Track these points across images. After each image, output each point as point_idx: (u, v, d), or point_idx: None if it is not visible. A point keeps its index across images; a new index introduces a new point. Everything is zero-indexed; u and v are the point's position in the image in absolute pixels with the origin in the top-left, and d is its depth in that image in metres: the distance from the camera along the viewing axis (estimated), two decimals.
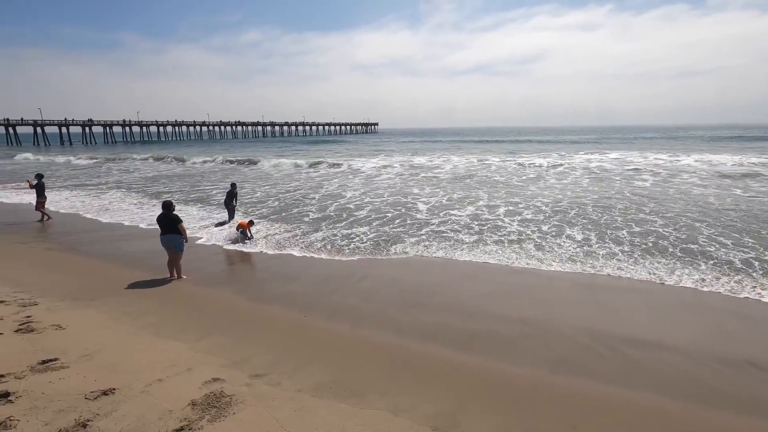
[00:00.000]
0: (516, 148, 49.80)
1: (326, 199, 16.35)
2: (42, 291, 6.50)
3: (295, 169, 28.62)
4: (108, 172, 28.92)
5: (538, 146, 52.23)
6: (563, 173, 22.89)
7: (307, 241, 10.14)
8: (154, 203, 15.76)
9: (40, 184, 13.15)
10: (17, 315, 5.38)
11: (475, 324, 5.81)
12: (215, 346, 4.96)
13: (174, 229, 7.44)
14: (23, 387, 3.63)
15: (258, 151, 49.49)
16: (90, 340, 4.84)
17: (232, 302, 6.62)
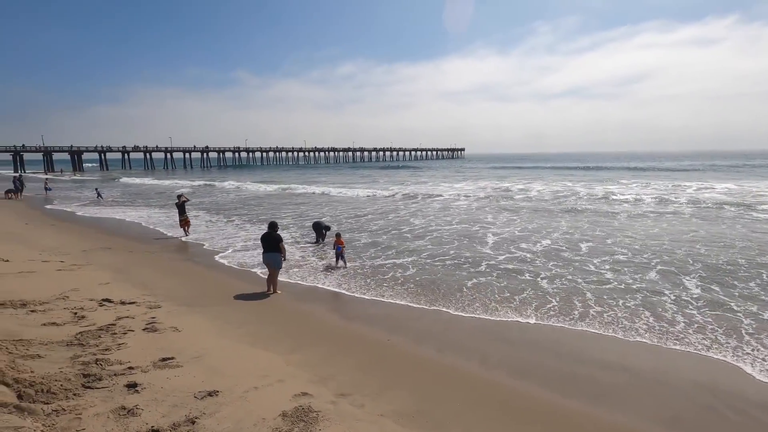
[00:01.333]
0: (611, 175, 45.36)
1: (389, 224, 16.50)
2: (165, 296, 7.44)
3: (373, 192, 29.47)
4: (219, 193, 32.54)
5: (637, 173, 47.15)
6: (666, 204, 20.33)
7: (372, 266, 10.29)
8: (261, 225, 17.31)
9: (181, 203, 14.54)
10: (145, 315, 6.21)
11: (571, 366, 5.35)
12: (305, 361, 5.22)
13: (276, 247, 8.09)
14: (147, 380, 4.15)
15: (347, 176, 52.10)
16: (199, 343, 5.40)
17: (322, 318, 6.97)
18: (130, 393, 3.86)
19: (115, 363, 4.43)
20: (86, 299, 6.70)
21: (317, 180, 46.74)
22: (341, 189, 31.79)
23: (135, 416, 3.46)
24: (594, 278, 8.80)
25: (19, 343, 4.56)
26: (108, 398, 3.72)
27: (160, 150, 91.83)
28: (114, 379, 4.05)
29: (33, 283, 7.36)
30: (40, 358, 4.33)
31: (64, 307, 6.22)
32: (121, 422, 3.35)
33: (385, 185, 36.61)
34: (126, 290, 7.59)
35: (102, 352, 4.67)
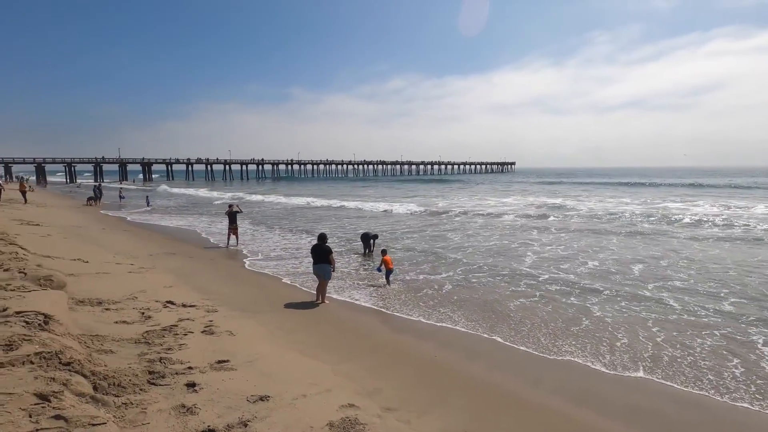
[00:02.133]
0: (675, 192, 41.75)
1: (431, 239, 16.26)
2: (221, 300, 7.82)
3: (418, 206, 29.34)
4: (266, 205, 33.92)
5: (706, 190, 43.14)
6: (735, 225, 18.36)
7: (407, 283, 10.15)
8: (310, 236, 17.83)
9: (231, 212, 14.83)
10: (203, 318, 6.55)
11: (635, 397, 4.99)
12: (352, 372, 5.25)
13: (325, 259, 8.28)
14: (204, 380, 4.36)
15: (393, 189, 52.45)
16: (252, 348, 5.60)
17: (370, 331, 7.02)
18: (189, 392, 4.06)
19: (176, 362, 4.70)
20: (152, 300, 7.19)
21: (362, 194, 47.48)
22: (388, 203, 32.00)
23: (193, 415, 3.63)
24: (655, 307, 8.14)
25: (95, 339, 4.96)
26: (170, 395, 3.94)
27: (219, 162, 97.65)
28: (175, 378, 4.29)
29: (107, 284, 8.02)
30: (113, 354, 4.69)
31: (133, 306, 6.71)
32: (182, 419, 3.53)
33: (431, 199, 36.43)
34: (187, 294, 8.06)
35: (165, 351, 4.97)
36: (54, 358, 3.69)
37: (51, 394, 3.09)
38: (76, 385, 3.41)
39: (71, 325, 5.06)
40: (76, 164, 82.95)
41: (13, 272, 6.40)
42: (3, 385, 3.13)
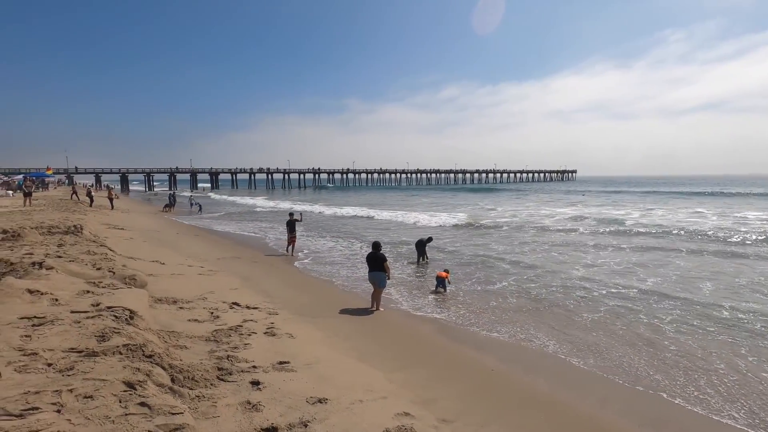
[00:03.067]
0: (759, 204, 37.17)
1: (485, 249, 15.74)
2: (282, 304, 8.17)
3: (469, 215, 28.67)
4: (322, 214, 34.95)
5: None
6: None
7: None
8: (364, 245, 18.15)
9: (292, 221, 14.93)
10: (266, 320, 6.88)
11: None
12: (407, 380, 5.25)
13: (380, 267, 8.39)
14: (267, 380, 4.57)
15: (446, 198, 51.91)
16: (311, 351, 5.79)
17: (426, 340, 7.00)
18: (254, 390, 4.28)
19: (242, 361, 4.97)
20: (220, 301, 7.67)
21: (416, 203, 47.44)
22: (437, 212, 31.69)
23: (258, 411, 3.82)
24: (740, 333, 7.35)
25: (172, 335, 5.39)
26: (236, 392, 4.18)
27: (279, 171, 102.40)
28: (241, 375, 4.54)
29: (181, 284, 8.67)
30: (186, 349, 5.06)
31: (203, 306, 7.20)
32: (247, 415, 3.73)
33: (484, 208, 35.61)
34: (250, 296, 8.50)
35: (232, 350, 5.28)
36: (138, 351, 4.06)
37: (137, 383, 3.40)
38: (157, 376, 3.72)
39: (151, 321, 5.54)
40: (154, 174, 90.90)
41: (104, 271, 7.13)
42: (98, 372, 3.50)
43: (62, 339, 4.16)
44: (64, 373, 3.48)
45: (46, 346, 3.98)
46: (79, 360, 3.72)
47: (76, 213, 20.06)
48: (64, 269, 6.76)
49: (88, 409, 2.96)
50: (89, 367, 3.60)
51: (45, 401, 3.01)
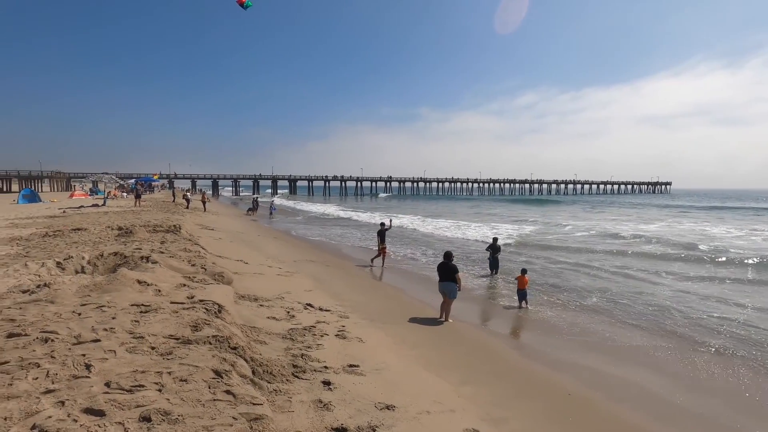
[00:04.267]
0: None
1: (559, 265, 14.60)
2: (352, 308, 8.39)
3: (540, 226, 27.01)
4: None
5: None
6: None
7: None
8: (437, 255, 18.06)
9: (382, 230, 14.21)
10: (337, 323, 7.11)
11: None
12: (476, 395, 5.11)
13: (452, 277, 8.29)
14: (338, 381, 4.72)
15: (519, 207, 49.79)
16: (380, 357, 5.87)
17: (498, 354, 6.76)
18: (325, 389, 4.44)
19: (314, 360, 5.18)
20: (296, 301, 8.08)
21: (485, 213, 46.10)
22: (498, 224, 30.43)
23: (329, 411, 3.96)
24: None
25: (253, 330, 5.79)
26: (309, 390, 4.36)
27: (352, 179, 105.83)
28: (314, 374, 4.74)
29: (262, 283, 9.29)
30: (265, 345, 5.40)
31: (280, 305, 7.64)
32: (319, 413, 3.88)
33: (559, 221, 33.47)
34: (323, 298, 8.85)
35: (306, 349, 5.53)
36: (225, 342, 4.42)
37: (223, 372, 3.70)
38: (240, 367, 4.02)
39: (236, 315, 6.00)
40: (240, 180, 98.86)
41: (197, 267, 7.88)
42: (192, 358, 3.87)
43: (163, 326, 4.67)
44: (164, 357, 3.90)
45: (151, 331, 4.50)
46: (176, 346, 4.15)
47: (176, 214, 22.43)
48: (166, 264, 7.59)
49: (183, 391, 3.29)
50: (185, 353, 3.99)
51: (149, 380, 3.39)
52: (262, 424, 3.02)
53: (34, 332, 4.31)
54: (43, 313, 4.96)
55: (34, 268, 7.24)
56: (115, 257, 7.90)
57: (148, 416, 2.86)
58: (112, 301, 5.37)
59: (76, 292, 5.96)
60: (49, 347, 3.96)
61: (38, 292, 5.84)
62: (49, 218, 18.45)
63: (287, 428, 3.48)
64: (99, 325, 4.53)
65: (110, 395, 3.13)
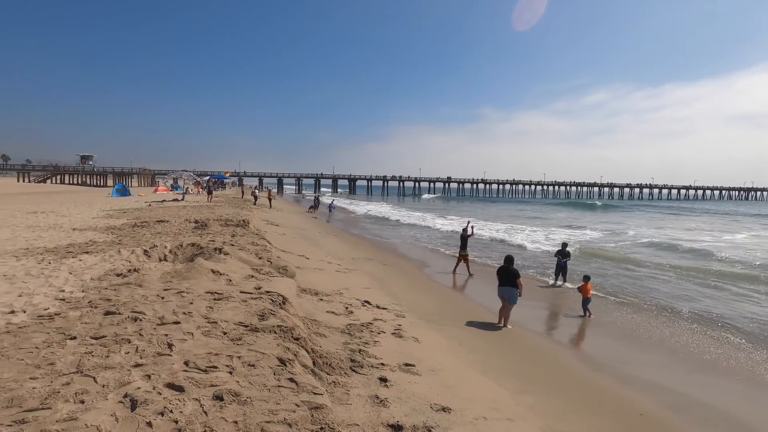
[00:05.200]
0: None
1: (626, 277, 13.37)
2: (409, 308, 8.43)
3: (606, 234, 25.05)
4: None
5: None
6: None
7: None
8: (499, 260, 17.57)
9: (465, 236, 13.27)
10: (393, 321, 7.18)
11: None
12: (537, 406, 4.91)
13: (512, 282, 8.02)
14: (394, 378, 4.77)
15: (585, 212, 46.82)
16: (436, 358, 5.84)
17: (560, 364, 6.46)
18: (382, 386, 4.50)
19: (371, 356, 5.28)
20: (353, 298, 8.28)
21: (547, 216, 43.94)
22: (556, 229, 28.68)
23: (385, 407, 4.01)
24: None
25: (313, 323, 6.02)
26: (366, 385, 4.46)
27: (410, 180, 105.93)
28: (371, 370, 4.83)
29: (322, 278, 9.62)
30: (325, 338, 5.60)
31: (339, 301, 7.87)
32: (375, 409, 3.95)
33: (626, 228, 31.00)
34: (380, 296, 8.97)
35: (363, 345, 5.65)
36: (288, 332, 4.64)
37: (287, 360, 3.89)
38: (302, 357, 4.21)
39: (298, 308, 6.27)
40: (303, 178, 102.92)
41: (264, 260, 8.34)
42: (259, 345, 4.11)
43: (234, 313, 5.01)
44: (234, 342, 4.18)
45: (223, 317, 4.84)
46: (245, 333, 4.43)
47: (244, 209, 23.87)
48: (236, 256, 8.12)
49: (251, 376, 3.51)
50: (252, 340, 4.25)
51: (221, 363, 3.66)
52: (322, 413, 3.13)
53: (126, 311, 4.83)
54: (132, 295, 5.53)
55: (126, 255, 8.08)
56: (192, 248, 8.60)
57: (220, 395, 3.09)
58: (190, 288, 5.85)
59: (159, 277, 6.57)
60: (138, 326, 4.40)
61: (129, 276, 6.52)
62: (137, 210, 20.46)
63: (345, 420, 3.58)
64: (179, 309, 4.96)
65: (188, 373, 3.42)
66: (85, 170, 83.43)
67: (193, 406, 2.94)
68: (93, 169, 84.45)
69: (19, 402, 2.88)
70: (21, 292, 5.86)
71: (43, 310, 5.05)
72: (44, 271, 7.09)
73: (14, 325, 4.52)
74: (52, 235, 11.44)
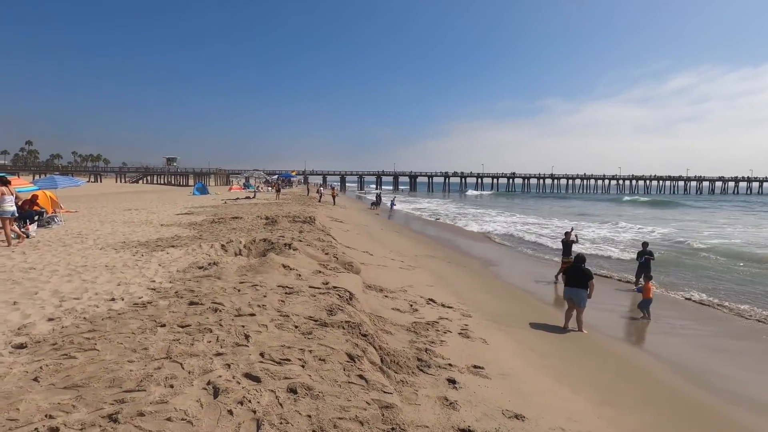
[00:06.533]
0: None
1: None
2: (475, 307, 8.18)
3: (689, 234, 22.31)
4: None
5: None
6: None
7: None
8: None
9: (569, 241, 11.67)
10: (459, 321, 7.00)
11: None
12: (621, 420, 4.50)
13: (583, 283, 7.45)
14: (463, 381, 4.62)
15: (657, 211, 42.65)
16: (505, 361, 5.58)
17: (652, 375, 5.91)
18: (450, 388, 4.38)
19: (438, 356, 5.17)
20: (418, 296, 8.20)
21: (627, 213, 40.60)
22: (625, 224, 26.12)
23: (455, 410, 3.89)
24: None
25: (379, 319, 6.03)
26: (434, 385, 4.36)
27: (473, 176, 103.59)
28: (438, 371, 4.72)
29: (385, 275, 9.66)
30: (391, 335, 5.58)
31: (404, 298, 7.83)
32: (445, 411, 3.84)
33: (720, 224, 27.59)
34: (445, 295, 8.80)
35: (429, 344, 5.55)
36: (356, 329, 4.67)
37: (356, 357, 3.91)
38: (370, 354, 4.21)
39: (364, 304, 6.33)
40: (364, 176, 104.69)
41: (330, 256, 8.54)
42: (329, 340, 4.18)
43: (304, 307, 5.16)
44: (305, 336, 4.29)
45: (294, 311, 5.00)
46: (315, 327, 4.53)
47: (310, 206, 24.75)
48: (304, 251, 8.40)
49: (322, 370, 3.56)
50: (322, 334, 4.33)
51: (294, 356, 3.76)
52: (392, 413, 3.10)
53: (207, 302, 5.16)
54: (212, 286, 5.90)
55: (206, 249, 8.69)
56: (264, 243, 9.03)
57: (294, 388, 3.16)
58: (263, 282, 6.13)
59: (236, 271, 6.96)
60: (218, 316, 4.68)
61: (209, 269, 6.99)
62: (215, 207, 22.03)
63: (414, 421, 3.52)
64: (254, 302, 5.21)
65: (264, 365, 3.56)
66: (170, 171, 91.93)
67: (269, 397, 3.04)
68: (177, 170, 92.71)
69: (119, 383, 3.17)
70: (119, 281, 6.51)
71: (138, 298, 5.56)
72: (138, 263, 7.84)
73: (114, 311, 5.02)
74: (144, 230, 12.65)
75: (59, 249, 9.30)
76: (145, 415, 2.73)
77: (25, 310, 5.12)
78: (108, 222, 14.70)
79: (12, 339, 4.17)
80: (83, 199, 28.92)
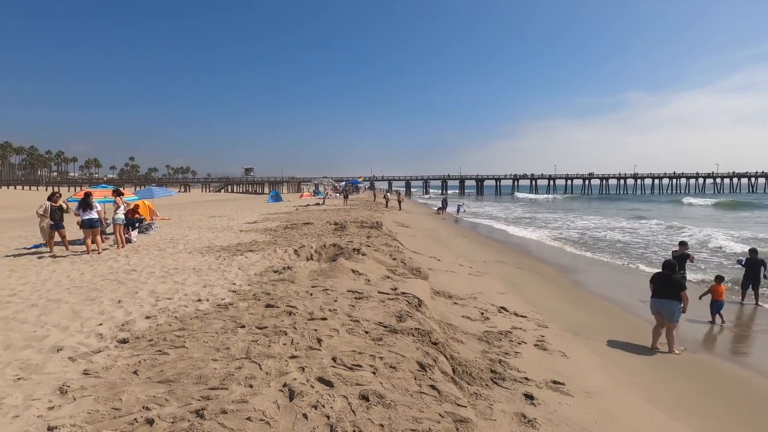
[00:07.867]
0: None
1: None
2: (550, 317, 7.68)
3: None
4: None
5: None
6: None
7: None
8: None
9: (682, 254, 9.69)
10: (535, 332, 6.59)
11: None
12: None
13: (674, 294, 6.60)
14: (541, 397, 4.31)
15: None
16: (589, 378, 5.14)
17: (758, 397, 5.11)
18: (528, 404, 4.11)
19: (513, 369, 4.89)
20: (489, 303, 7.88)
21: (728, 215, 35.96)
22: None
23: (533, 429, 3.63)
24: None
25: (449, 327, 5.87)
26: (510, 400, 4.12)
27: (544, 177, 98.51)
28: (514, 384, 4.46)
29: (454, 281, 9.43)
30: (462, 344, 5.40)
31: (474, 306, 7.57)
32: (523, 429, 3.60)
33: None
34: (517, 303, 8.38)
35: (503, 355, 5.28)
36: (426, 336, 4.57)
37: (427, 366, 3.81)
38: (441, 363, 4.09)
39: (433, 311, 6.21)
40: (429, 180, 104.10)
41: (398, 261, 8.53)
42: (399, 347, 4.13)
43: (374, 313, 5.17)
44: (375, 342, 4.28)
45: (364, 316, 5.03)
46: (385, 333, 4.51)
47: (377, 212, 25.09)
48: (372, 257, 8.48)
49: (393, 378, 3.52)
50: (392, 341, 4.30)
51: (365, 362, 3.76)
52: (467, 428, 2.96)
53: (282, 305, 5.37)
54: (287, 290, 6.15)
55: (280, 254, 9.12)
56: (333, 248, 9.27)
57: (366, 396, 3.15)
58: (334, 286, 6.26)
59: (308, 275, 7.20)
60: (292, 319, 4.84)
61: (283, 273, 7.30)
62: (287, 214, 23.17)
63: None
64: (325, 306, 5.32)
65: (336, 369, 3.60)
66: (248, 180, 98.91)
67: (342, 403, 3.05)
68: (254, 179, 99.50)
69: (205, 380, 3.38)
70: (205, 283, 7.04)
71: (220, 299, 5.95)
72: (220, 266, 8.44)
73: (201, 311, 5.42)
74: (226, 236, 13.64)
75: (155, 253, 10.33)
76: (228, 413, 2.87)
77: (128, 308, 5.72)
78: (195, 228, 16.08)
79: (117, 334, 4.66)
80: (175, 207, 32.03)
